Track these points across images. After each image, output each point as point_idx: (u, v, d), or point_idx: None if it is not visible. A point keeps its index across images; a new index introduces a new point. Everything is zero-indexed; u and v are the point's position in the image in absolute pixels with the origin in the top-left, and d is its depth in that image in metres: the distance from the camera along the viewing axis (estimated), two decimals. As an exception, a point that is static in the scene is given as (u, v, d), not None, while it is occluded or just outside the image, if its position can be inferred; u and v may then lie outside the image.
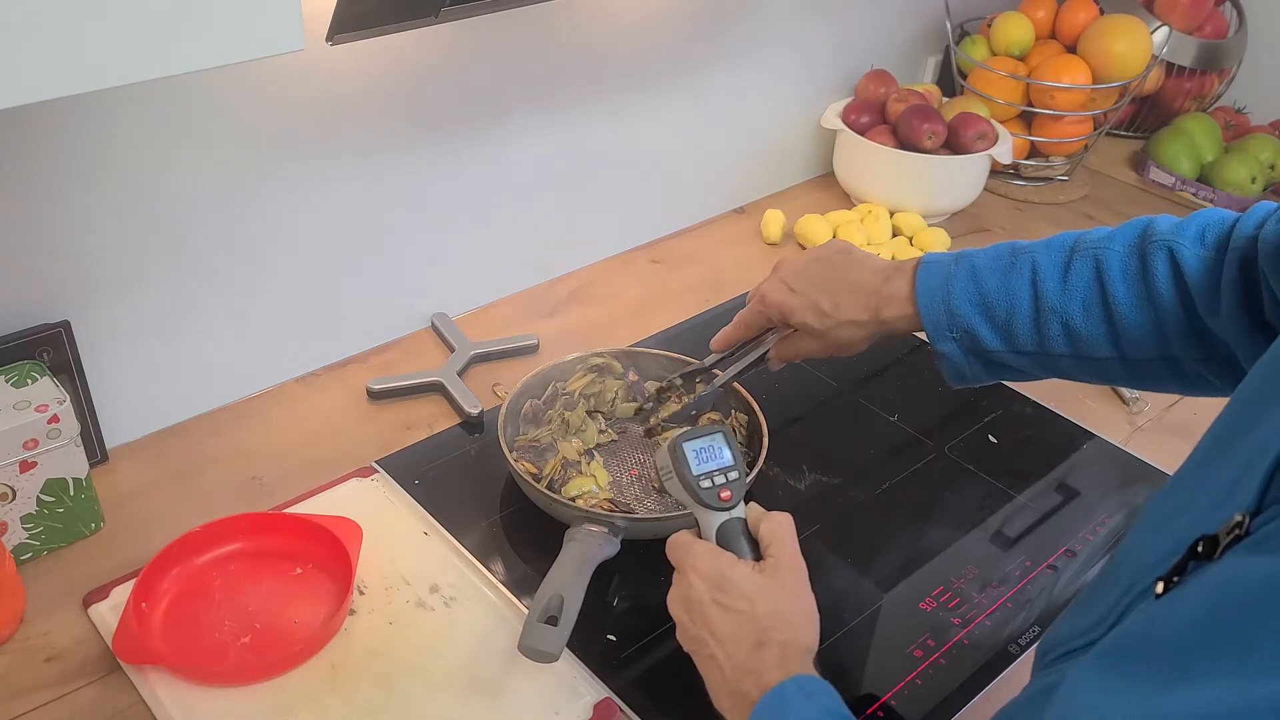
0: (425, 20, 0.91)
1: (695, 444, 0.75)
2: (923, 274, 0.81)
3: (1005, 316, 0.77)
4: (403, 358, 1.17)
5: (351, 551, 0.86)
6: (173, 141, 0.93)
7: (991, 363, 0.80)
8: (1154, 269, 0.72)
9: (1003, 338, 0.78)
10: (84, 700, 0.79)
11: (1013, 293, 0.77)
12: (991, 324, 0.78)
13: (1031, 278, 0.76)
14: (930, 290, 0.80)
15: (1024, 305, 0.76)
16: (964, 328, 0.78)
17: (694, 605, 0.68)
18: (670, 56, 1.30)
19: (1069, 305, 0.75)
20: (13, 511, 0.86)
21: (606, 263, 1.37)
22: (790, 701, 0.61)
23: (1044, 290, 0.76)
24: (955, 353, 0.80)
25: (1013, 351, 0.78)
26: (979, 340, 0.78)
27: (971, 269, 0.79)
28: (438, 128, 1.12)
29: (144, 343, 1.00)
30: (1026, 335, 0.77)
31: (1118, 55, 1.51)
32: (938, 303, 0.79)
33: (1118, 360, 0.75)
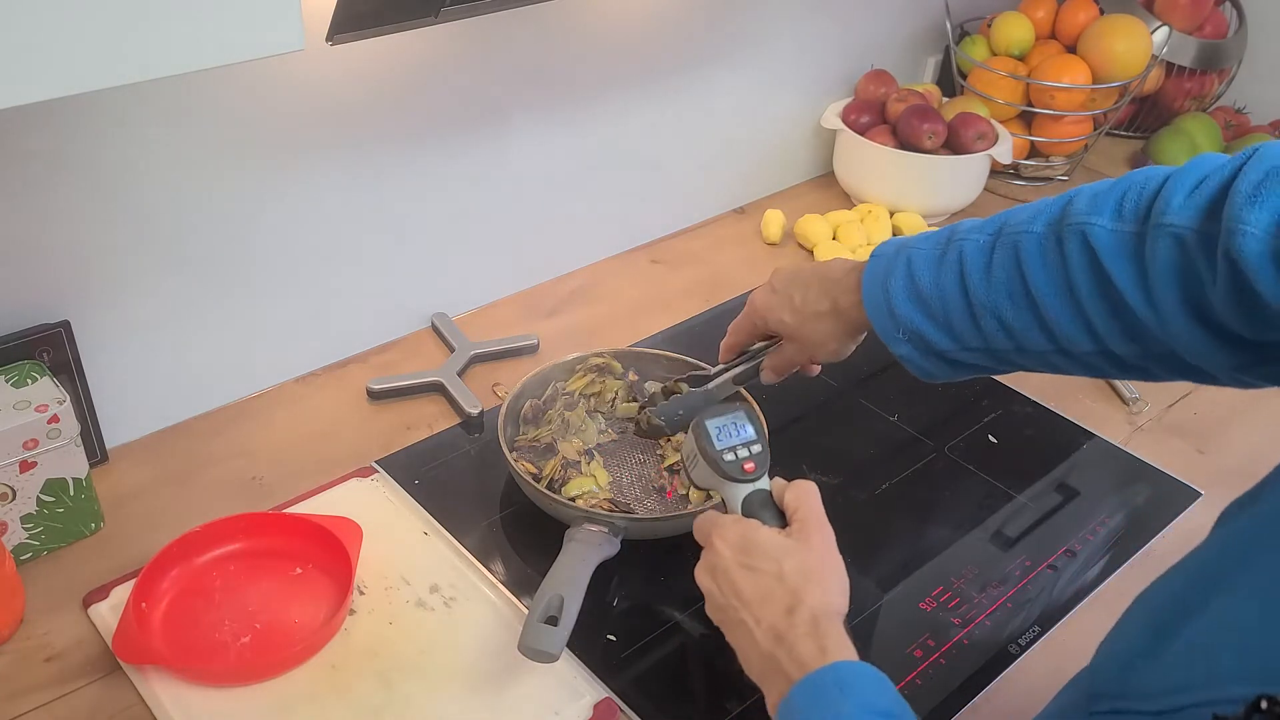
0: (425, 20, 0.91)
1: (718, 421, 0.77)
2: (869, 268, 0.76)
3: (943, 313, 0.72)
4: (403, 358, 1.17)
5: (351, 551, 0.86)
6: (173, 141, 0.93)
7: (949, 360, 0.74)
8: (1069, 257, 0.65)
9: (948, 335, 0.72)
10: (84, 700, 0.79)
11: (944, 288, 0.72)
12: (933, 321, 0.73)
13: (959, 271, 0.71)
14: (873, 288, 0.75)
15: (956, 301, 0.71)
16: (910, 328, 0.73)
17: (720, 572, 0.68)
18: (670, 56, 1.30)
19: (996, 298, 0.69)
20: (13, 511, 0.86)
21: (606, 263, 1.37)
22: (827, 696, 0.59)
23: (971, 284, 0.70)
24: (912, 354, 0.75)
25: (963, 349, 0.73)
26: (927, 339, 0.73)
27: (908, 263, 0.74)
28: (438, 127, 1.12)
29: (144, 343, 1.00)
30: (968, 332, 0.71)
31: (1118, 55, 1.51)
32: (880, 304, 0.74)
33: (1059, 353, 0.69)
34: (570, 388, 1.03)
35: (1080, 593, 0.92)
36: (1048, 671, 0.85)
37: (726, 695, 0.81)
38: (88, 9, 0.53)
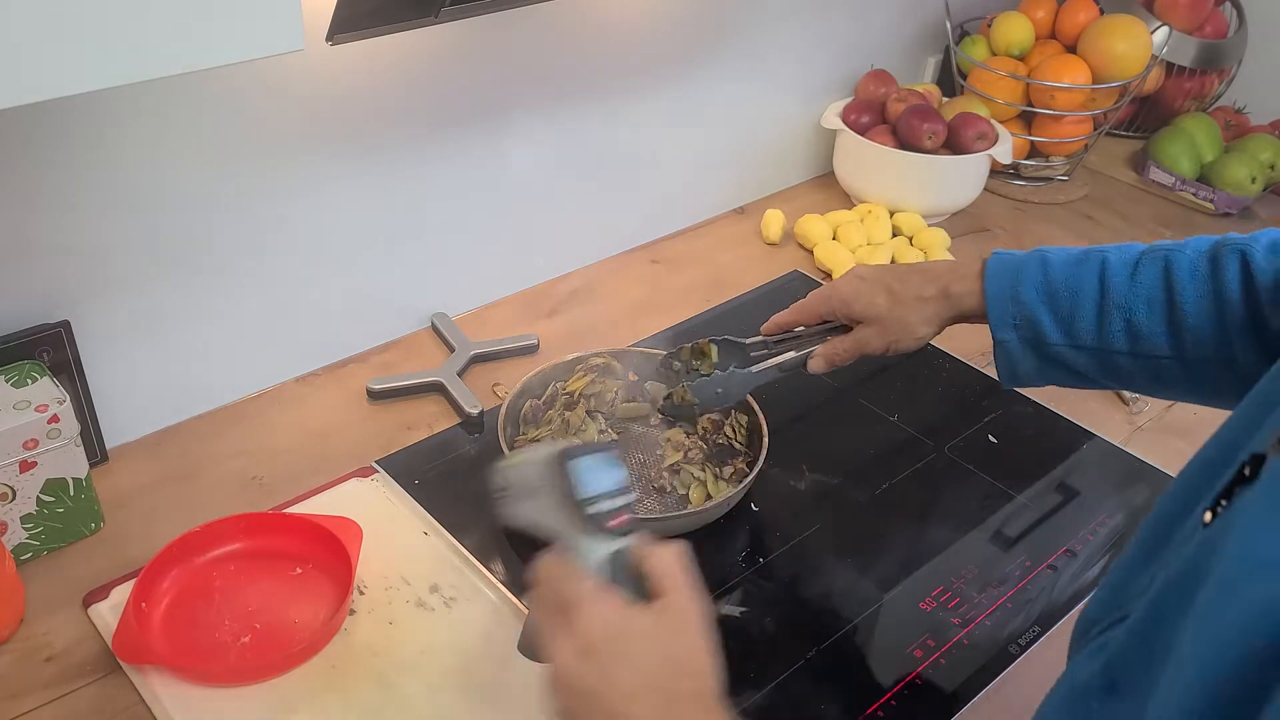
0: (425, 20, 0.91)
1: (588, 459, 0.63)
2: (994, 260, 0.82)
3: (1069, 308, 0.77)
4: (403, 358, 1.17)
5: (351, 551, 0.86)
6: (173, 141, 0.93)
7: (1047, 357, 0.79)
8: (1225, 268, 0.72)
9: (1064, 330, 0.78)
10: (84, 700, 0.79)
11: (1080, 285, 0.77)
12: (1055, 314, 0.78)
13: (1100, 272, 0.77)
14: (1000, 274, 0.81)
15: (1090, 298, 0.77)
16: (1027, 315, 0.79)
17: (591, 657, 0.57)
18: (670, 56, 1.30)
19: (1134, 300, 0.75)
20: (13, 511, 0.86)
21: (606, 263, 1.37)
22: None
23: (1111, 285, 0.76)
24: (1014, 342, 0.80)
25: (1071, 346, 0.78)
26: (1040, 330, 0.79)
27: (1043, 259, 0.80)
28: (438, 127, 1.12)
29: (144, 343, 1.00)
30: (1088, 329, 0.77)
31: (1118, 55, 1.51)
32: (1005, 286, 0.80)
33: (1175, 360, 0.75)
34: (570, 388, 1.03)
35: (1080, 593, 0.92)
36: (1048, 671, 0.85)
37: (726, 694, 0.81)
38: (87, 9, 0.53)
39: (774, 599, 0.91)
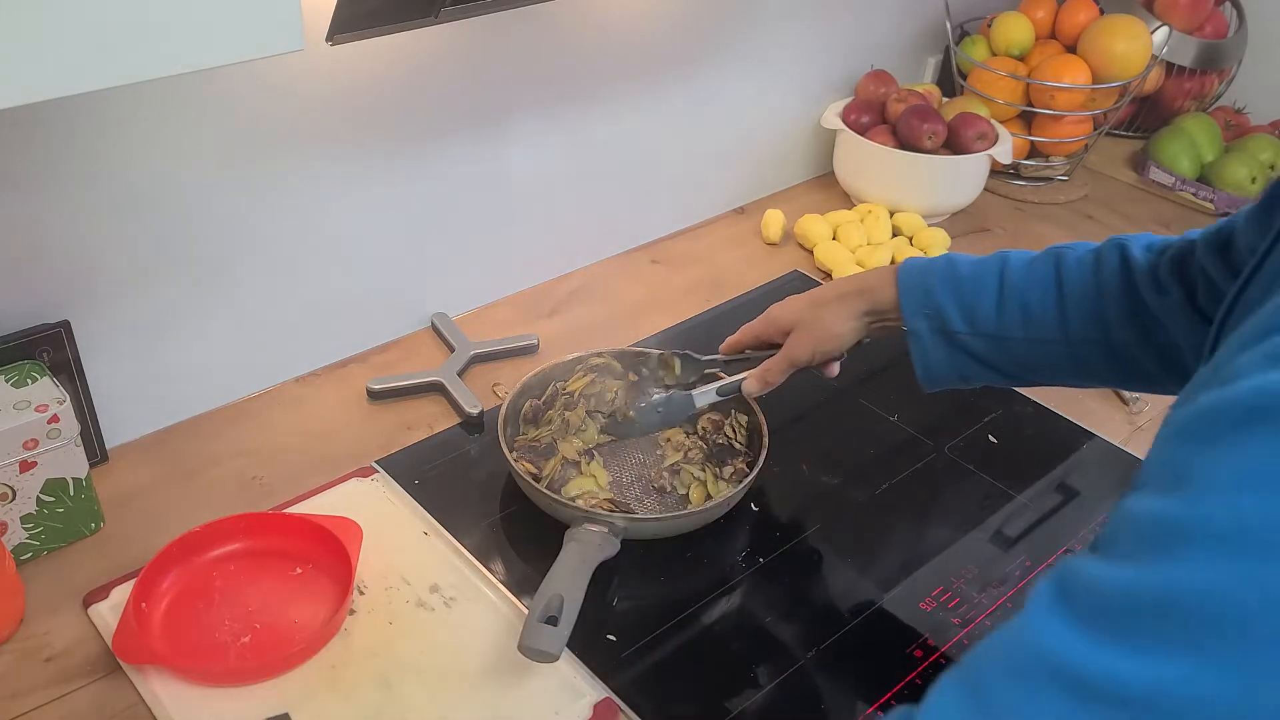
0: (425, 20, 0.91)
1: None
2: (906, 262, 0.89)
3: (972, 298, 0.84)
4: (403, 358, 1.17)
5: (351, 551, 0.86)
6: (173, 141, 0.93)
7: (955, 345, 0.86)
8: (1106, 261, 0.82)
9: (967, 318, 0.85)
10: (84, 700, 0.79)
11: (982, 277, 0.85)
12: (960, 304, 0.85)
13: (1000, 267, 0.85)
14: (912, 271, 0.87)
15: (990, 288, 0.84)
16: (935, 305, 0.85)
17: None
18: (670, 56, 1.30)
19: (1028, 289, 0.83)
20: (13, 511, 0.86)
21: (606, 263, 1.37)
22: None
23: (1009, 276, 0.84)
24: (924, 332, 0.86)
25: (974, 334, 0.85)
26: (946, 319, 0.85)
27: (950, 259, 0.88)
28: (438, 128, 1.12)
29: (144, 343, 1.00)
30: (988, 316, 0.84)
31: (1118, 55, 1.51)
32: (916, 281, 0.87)
33: (1062, 343, 0.83)
34: (570, 388, 1.03)
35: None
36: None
37: (726, 694, 0.81)
38: (87, 9, 0.53)
39: (774, 599, 0.91)
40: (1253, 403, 0.38)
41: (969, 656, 0.46)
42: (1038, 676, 0.42)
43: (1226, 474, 0.39)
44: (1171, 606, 0.39)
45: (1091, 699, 0.40)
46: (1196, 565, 0.39)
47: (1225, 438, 0.39)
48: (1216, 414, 0.40)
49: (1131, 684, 0.39)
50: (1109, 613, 0.41)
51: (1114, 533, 0.43)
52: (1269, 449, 0.38)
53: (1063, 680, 0.41)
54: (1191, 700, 0.38)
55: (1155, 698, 0.39)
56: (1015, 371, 0.86)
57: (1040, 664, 0.42)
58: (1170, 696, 0.39)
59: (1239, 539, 0.38)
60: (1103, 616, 0.41)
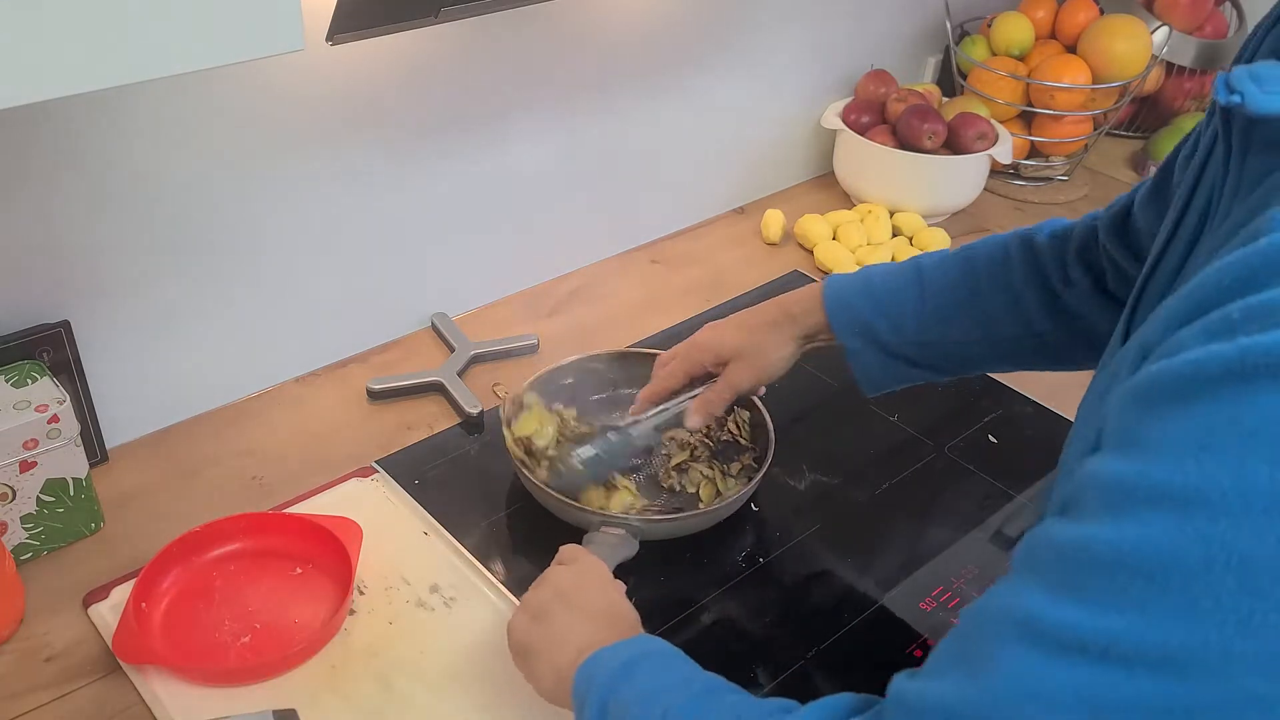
0: (425, 20, 0.91)
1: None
2: (829, 281, 0.90)
3: (894, 309, 0.86)
4: (403, 358, 1.17)
5: (351, 551, 0.86)
6: (173, 141, 0.93)
7: (890, 354, 0.87)
8: (1012, 255, 0.84)
9: (895, 329, 0.86)
10: (84, 700, 0.79)
11: (902, 287, 0.87)
12: (885, 317, 0.86)
13: (917, 274, 0.87)
14: (834, 290, 0.89)
15: (910, 297, 0.86)
16: (863, 320, 0.87)
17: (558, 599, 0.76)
18: (670, 56, 1.30)
19: (944, 292, 0.85)
20: (13, 511, 0.86)
21: (606, 263, 1.37)
22: None
23: (926, 283, 0.86)
24: (859, 346, 0.87)
25: (905, 341, 0.86)
26: (876, 332, 0.87)
27: (866, 273, 0.89)
28: (437, 127, 1.12)
29: (144, 343, 1.00)
30: (912, 325, 0.86)
31: (1118, 55, 1.51)
32: (840, 299, 0.88)
33: (988, 341, 0.85)
34: (522, 432, 0.97)
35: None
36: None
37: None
38: (87, 9, 0.53)
39: (774, 599, 0.91)
40: (1193, 374, 0.41)
41: (959, 619, 0.51)
42: (1009, 631, 0.45)
43: (1174, 439, 0.41)
44: (1120, 562, 0.42)
45: (1054, 649, 0.43)
46: (1145, 523, 0.41)
47: (1173, 405, 0.42)
48: (1163, 384, 0.42)
49: (1086, 635, 0.42)
50: (1066, 568, 0.44)
51: (1076, 493, 0.46)
52: (1210, 416, 0.40)
53: (1029, 634, 0.44)
54: (1139, 650, 0.41)
55: (1108, 648, 0.42)
56: (952, 368, 0.89)
57: (1010, 619, 0.46)
58: (1120, 646, 0.41)
59: (1185, 500, 0.40)
60: (1060, 572, 0.44)
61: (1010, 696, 0.44)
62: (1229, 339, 0.40)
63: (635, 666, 0.65)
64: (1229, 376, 0.40)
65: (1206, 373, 0.40)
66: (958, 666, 0.48)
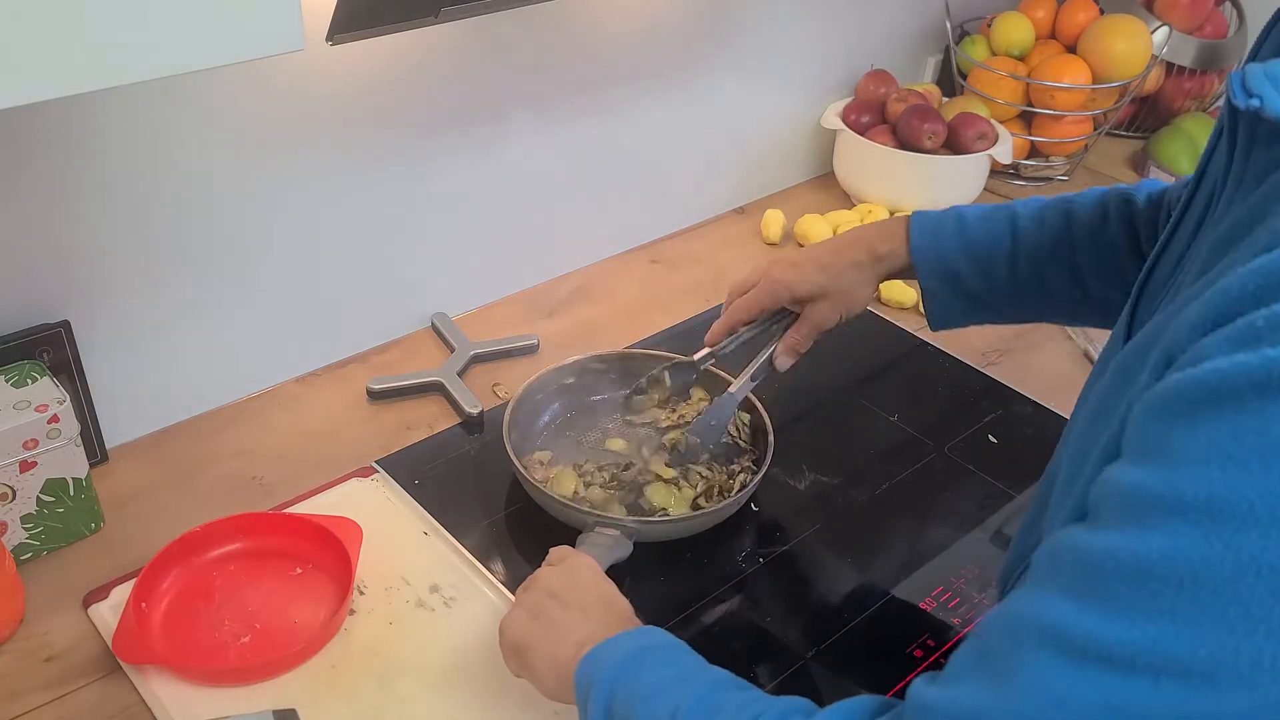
0: (425, 20, 0.91)
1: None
2: (915, 219, 0.89)
3: (986, 259, 0.86)
4: (403, 358, 1.17)
5: (351, 551, 0.86)
6: (173, 141, 0.93)
7: (970, 298, 0.88)
8: (1112, 215, 0.83)
9: (982, 277, 0.86)
10: (84, 700, 0.79)
11: (995, 236, 0.86)
12: (974, 265, 0.86)
13: (1011, 224, 0.86)
14: (923, 232, 0.88)
15: (1003, 249, 0.85)
16: (950, 268, 0.86)
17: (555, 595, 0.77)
18: (670, 56, 1.30)
19: (1041, 247, 0.84)
20: (13, 511, 0.86)
21: (606, 263, 1.37)
22: None
23: (1021, 236, 0.85)
24: (939, 289, 0.88)
25: (990, 290, 0.86)
26: (961, 279, 0.86)
27: (959, 215, 0.88)
28: (437, 128, 1.12)
29: (144, 343, 1.00)
30: (1003, 276, 0.86)
31: (1118, 55, 1.51)
32: (929, 242, 0.87)
33: (1082, 301, 0.85)
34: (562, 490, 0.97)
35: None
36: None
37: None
38: (87, 9, 0.53)
39: (774, 599, 0.91)
40: (1218, 383, 0.41)
41: (980, 625, 0.50)
42: (1033, 639, 0.45)
43: (1199, 449, 0.41)
44: (1148, 572, 0.42)
45: (1079, 658, 0.43)
46: (1172, 533, 0.41)
47: (1197, 415, 0.42)
48: (1188, 393, 0.42)
49: (1113, 644, 0.42)
50: (1092, 577, 0.44)
51: (1097, 502, 0.46)
52: (1235, 426, 0.40)
53: (1054, 642, 0.44)
54: (1168, 660, 0.41)
55: (1134, 657, 0.42)
56: (1031, 318, 0.91)
57: (1034, 628, 0.45)
58: (1147, 655, 0.41)
59: (1212, 510, 0.40)
60: (1086, 581, 0.44)
61: (1034, 705, 0.44)
62: (1254, 349, 0.40)
63: (640, 659, 0.64)
64: (1254, 387, 0.40)
65: (1231, 383, 0.40)
66: (979, 673, 0.48)
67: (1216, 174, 0.55)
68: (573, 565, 0.78)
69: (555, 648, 0.70)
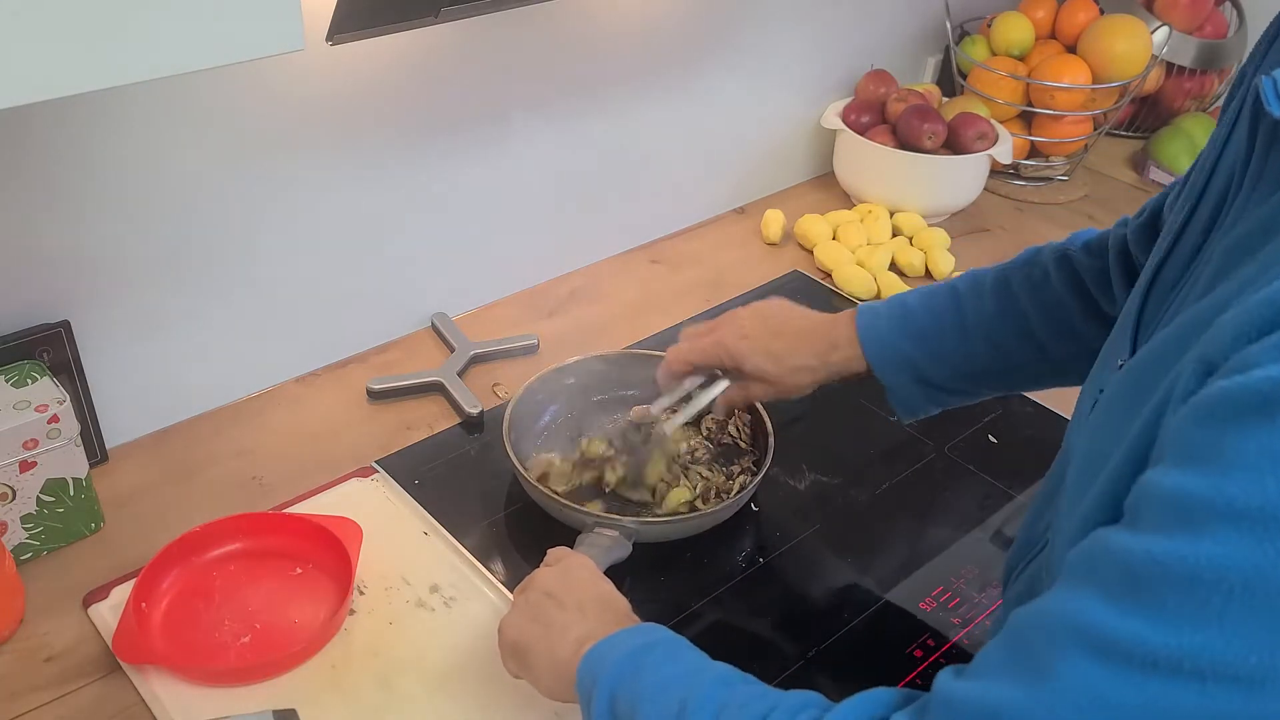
0: (425, 20, 0.91)
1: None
2: (862, 317, 0.88)
3: (939, 346, 0.85)
4: (403, 358, 1.17)
5: (351, 551, 0.86)
6: (173, 141, 0.93)
7: (932, 388, 0.87)
8: (1055, 276, 0.83)
9: (937, 360, 0.86)
10: (84, 700, 0.79)
11: (942, 324, 0.86)
12: (930, 355, 0.86)
13: (953, 302, 0.86)
14: (871, 328, 0.87)
15: (952, 333, 0.85)
16: (908, 360, 0.86)
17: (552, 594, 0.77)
18: (670, 56, 1.30)
19: (991, 323, 0.84)
20: (13, 511, 0.86)
21: (606, 263, 1.37)
22: None
23: (967, 316, 0.85)
24: (903, 383, 0.87)
25: (949, 372, 0.86)
26: (918, 367, 0.86)
27: (902, 303, 0.88)
28: (437, 127, 1.12)
29: (144, 343, 1.00)
30: (957, 354, 0.85)
31: (1118, 55, 1.51)
32: (881, 343, 0.87)
33: (1044, 362, 0.85)
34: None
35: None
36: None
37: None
38: (87, 9, 0.53)
39: (774, 599, 0.91)
40: (1270, 391, 0.41)
41: (1011, 622, 0.50)
42: (1071, 640, 0.45)
43: (1251, 456, 0.41)
44: (1197, 578, 0.42)
45: (1122, 662, 0.43)
46: (1223, 541, 0.41)
47: (1248, 422, 0.41)
48: (1238, 400, 0.42)
49: (1158, 649, 0.42)
50: (1134, 581, 0.44)
51: (1138, 505, 0.46)
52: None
53: (1093, 645, 0.44)
54: (1215, 665, 0.41)
55: (1181, 662, 0.42)
56: (1002, 390, 0.91)
57: (1072, 629, 0.45)
58: (1195, 660, 0.41)
59: (1265, 518, 0.40)
60: (1129, 585, 0.44)
61: (1072, 704, 0.44)
62: None
63: (642, 656, 0.64)
64: None
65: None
66: (1011, 670, 0.48)
67: (1232, 172, 0.55)
68: (569, 565, 0.78)
69: (554, 646, 0.70)
